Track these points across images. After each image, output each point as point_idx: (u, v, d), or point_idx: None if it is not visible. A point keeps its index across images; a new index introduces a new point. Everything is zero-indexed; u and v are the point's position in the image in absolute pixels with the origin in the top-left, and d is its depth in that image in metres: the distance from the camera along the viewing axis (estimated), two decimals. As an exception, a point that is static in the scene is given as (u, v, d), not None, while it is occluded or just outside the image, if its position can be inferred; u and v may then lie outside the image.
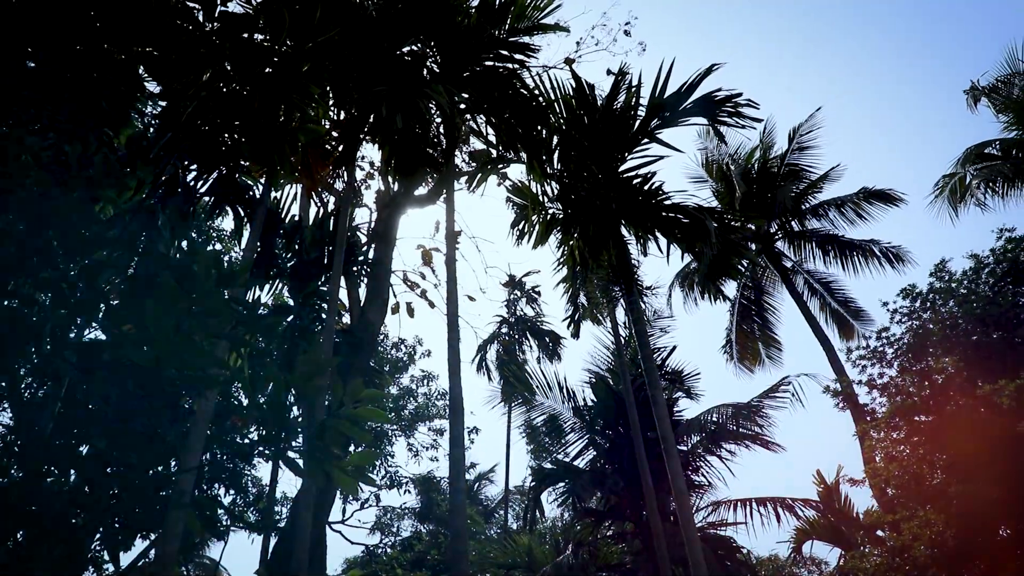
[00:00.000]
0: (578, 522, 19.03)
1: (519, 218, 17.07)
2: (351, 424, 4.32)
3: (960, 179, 24.40)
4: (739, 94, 13.12)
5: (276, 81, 9.90)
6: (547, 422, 20.70)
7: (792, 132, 26.02)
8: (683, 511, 10.51)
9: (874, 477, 18.13)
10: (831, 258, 26.16)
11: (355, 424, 4.33)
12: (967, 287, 18.63)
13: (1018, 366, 15.50)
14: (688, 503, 10.77)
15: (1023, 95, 23.37)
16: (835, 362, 23.38)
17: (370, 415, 4.30)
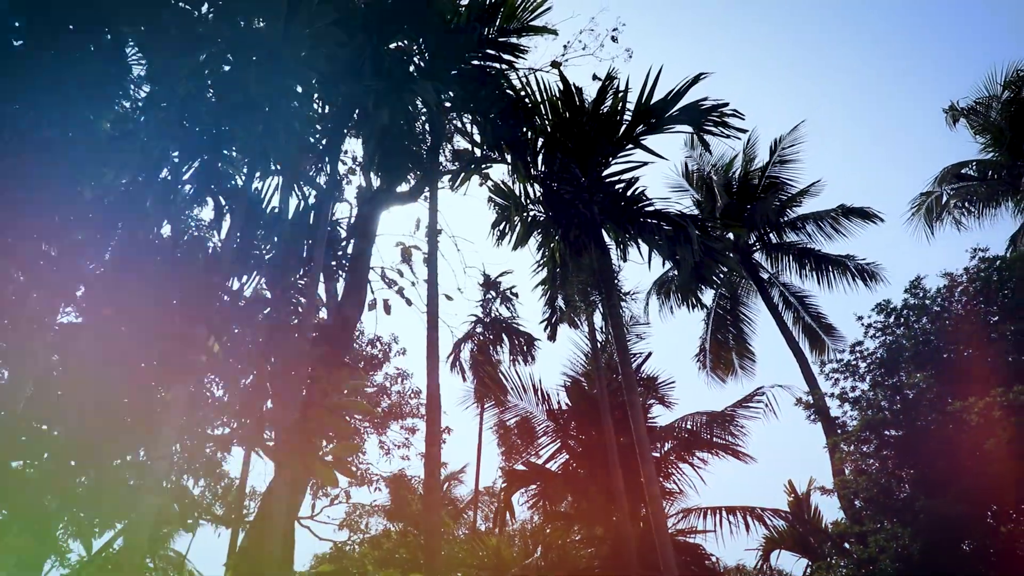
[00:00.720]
0: (548, 525, 19.02)
1: (500, 219, 17.05)
2: (332, 416, 4.28)
3: (936, 198, 24.72)
4: (725, 104, 13.18)
5: (273, 65, 9.79)
6: (520, 424, 20.69)
7: (774, 144, 26.21)
8: (656, 516, 10.52)
9: (843, 489, 18.28)
10: (807, 272, 26.38)
11: (338, 416, 4.28)
12: (940, 305, 18.78)
13: (988, 385, 15.64)
14: (661, 508, 10.80)
15: (1000, 118, 23.68)
16: (808, 374, 23.56)
17: (354, 407, 4.27)
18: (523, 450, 20.15)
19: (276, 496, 8.33)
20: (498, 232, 17.14)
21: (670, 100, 13.76)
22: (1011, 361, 17.07)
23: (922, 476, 16.60)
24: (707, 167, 27.59)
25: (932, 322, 18.48)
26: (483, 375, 22.79)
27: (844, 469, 18.92)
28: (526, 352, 26.67)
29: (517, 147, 13.94)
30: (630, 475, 16.51)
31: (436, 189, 13.05)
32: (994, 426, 14.67)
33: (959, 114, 23.87)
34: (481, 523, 28.28)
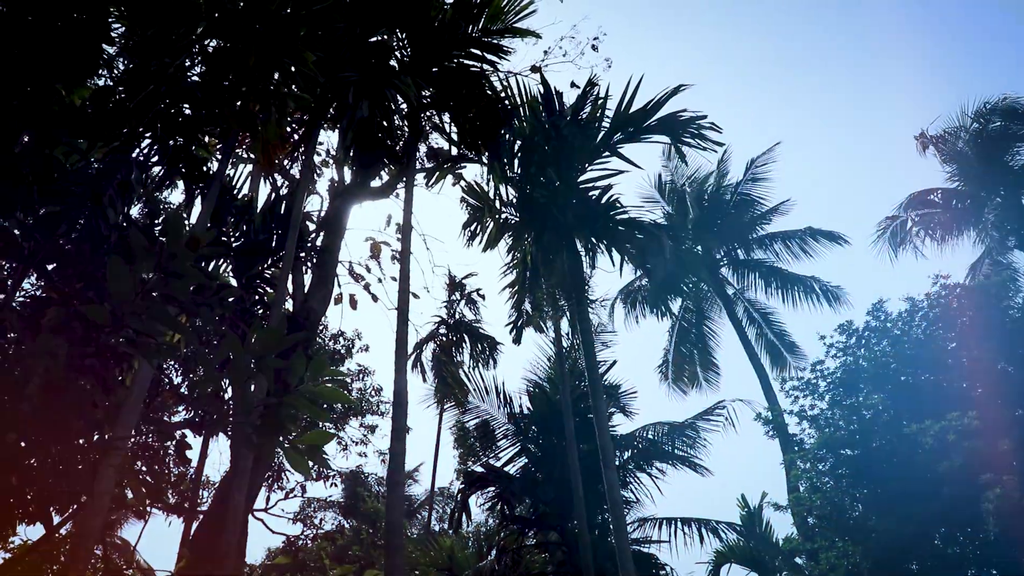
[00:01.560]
0: (504, 528, 18.97)
1: (472, 219, 17.02)
2: (310, 403, 4.21)
3: (901, 223, 25.14)
4: (704, 116, 13.29)
5: (272, 43, 9.65)
6: (480, 426, 20.65)
7: (749, 163, 26.51)
8: (617, 522, 10.54)
9: (797, 506, 18.47)
10: (773, 290, 26.66)
11: (314, 403, 4.22)
12: (901, 328, 19.07)
13: (943, 409, 15.91)
14: (623, 514, 10.82)
15: (967, 150, 24.14)
16: (768, 390, 23.80)
17: (332, 395, 4.20)
18: (482, 452, 20.10)
19: (237, 485, 8.22)
20: (469, 233, 17.11)
21: (649, 110, 13.82)
22: (966, 387, 17.38)
23: (875, 496, 16.82)
24: (681, 180, 27.78)
25: (892, 345, 18.75)
26: (445, 375, 22.69)
27: (799, 486, 19.12)
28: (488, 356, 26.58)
29: (495, 148, 13.92)
30: (589, 482, 16.54)
31: (412, 186, 12.99)
32: (948, 450, 14.91)
33: (928, 141, 24.30)
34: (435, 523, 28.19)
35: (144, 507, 14.83)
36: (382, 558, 19.23)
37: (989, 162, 23.41)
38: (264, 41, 9.28)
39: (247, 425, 4.37)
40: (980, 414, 15.13)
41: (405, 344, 10.09)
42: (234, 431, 4.37)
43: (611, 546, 17.43)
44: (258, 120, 10.80)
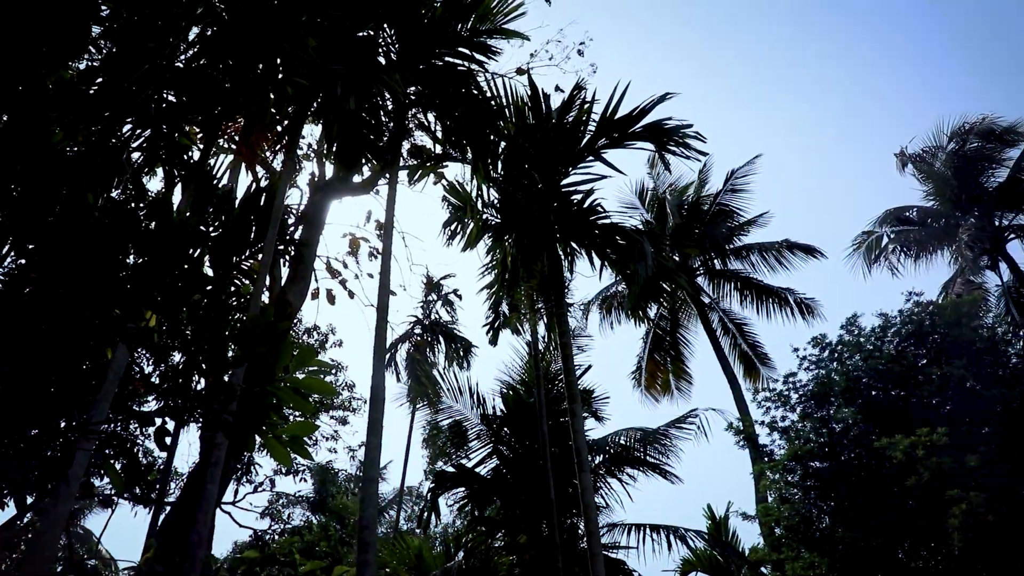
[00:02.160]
0: (472, 529, 18.92)
1: (453, 218, 16.97)
2: (293, 393, 4.17)
3: (877, 238, 25.42)
4: (689, 125, 13.34)
5: (273, 27, 9.55)
6: (452, 426, 20.59)
7: (729, 174, 26.65)
8: (590, 525, 10.55)
9: (765, 516, 18.58)
10: (748, 301, 26.82)
11: (298, 394, 4.17)
12: (873, 343, 19.26)
13: (913, 424, 16.08)
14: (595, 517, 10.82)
15: (944, 169, 24.46)
16: (740, 400, 23.94)
17: (317, 386, 4.15)
18: (454, 452, 20.04)
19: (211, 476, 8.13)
20: (449, 232, 17.06)
21: (635, 116, 13.86)
22: (935, 403, 17.58)
23: (843, 508, 16.96)
24: (663, 187, 27.91)
25: (864, 360, 18.92)
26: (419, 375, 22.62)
27: (768, 496, 19.25)
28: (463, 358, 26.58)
29: (479, 148, 13.88)
30: (559, 486, 16.54)
31: (396, 183, 12.93)
32: (916, 465, 15.06)
33: (907, 159, 24.60)
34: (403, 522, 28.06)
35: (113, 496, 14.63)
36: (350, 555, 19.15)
37: (965, 182, 23.74)
38: (266, 24, 9.18)
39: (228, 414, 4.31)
40: (949, 431, 15.30)
41: (384, 339, 10.05)
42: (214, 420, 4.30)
43: (580, 550, 17.44)
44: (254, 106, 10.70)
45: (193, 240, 6.82)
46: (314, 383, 4.20)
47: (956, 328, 18.33)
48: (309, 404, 4.29)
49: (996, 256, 23.22)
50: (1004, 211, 23.84)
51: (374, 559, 7.81)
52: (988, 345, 18.10)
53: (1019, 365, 17.91)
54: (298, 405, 4.20)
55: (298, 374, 4.19)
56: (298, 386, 4.20)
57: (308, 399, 4.25)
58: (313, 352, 4.20)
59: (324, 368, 4.21)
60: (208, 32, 10.18)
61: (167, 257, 4.84)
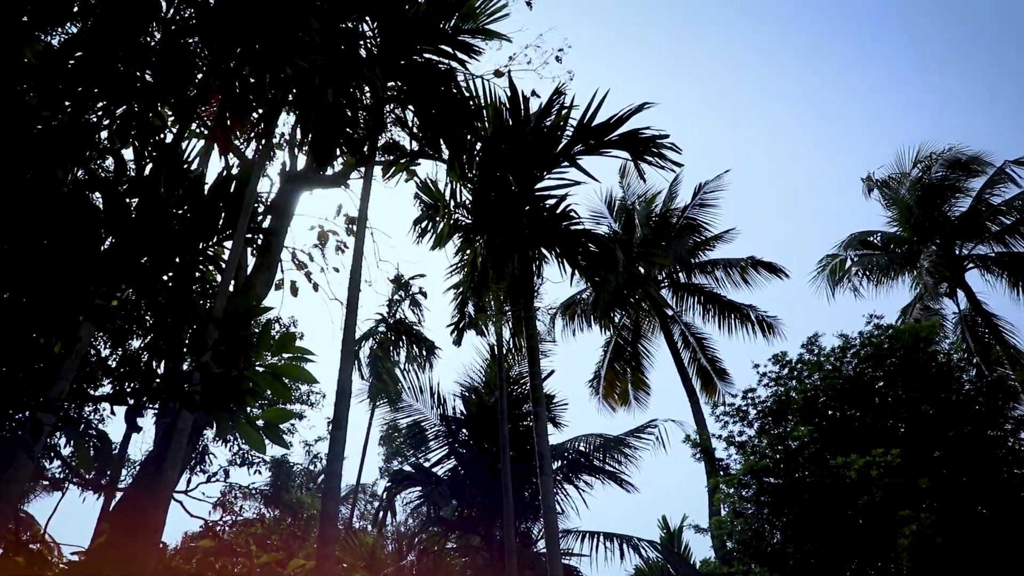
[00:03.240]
0: (427, 529, 18.84)
1: (424, 216, 16.89)
2: (272, 378, 4.10)
3: (841, 261, 25.78)
4: (666, 136, 13.42)
5: (275, 9, 9.42)
6: (411, 425, 20.51)
7: (697, 188, 26.90)
8: (549, 529, 10.55)
9: (718, 529, 18.73)
10: (710, 315, 27.06)
11: (277, 379, 4.11)
12: (833, 363, 19.48)
13: (869, 444, 16.30)
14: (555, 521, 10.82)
15: (908, 196, 24.89)
16: (698, 413, 24.13)
17: (296, 373, 4.09)
18: (412, 452, 19.96)
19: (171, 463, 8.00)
20: (420, 229, 16.98)
21: (612, 124, 13.90)
22: (890, 425, 17.84)
23: (795, 525, 17.14)
24: (632, 198, 28.07)
25: (823, 379, 19.15)
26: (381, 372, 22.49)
27: (721, 509, 19.39)
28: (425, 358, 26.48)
29: (456, 146, 13.85)
30: (517, 489, 16.53)
31: (371, 178, 12.85)
32: (870, 484, 15.28)
33: (874, 184, 25.00)
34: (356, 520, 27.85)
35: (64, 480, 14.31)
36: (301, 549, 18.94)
37: (928, 210, 24.17)
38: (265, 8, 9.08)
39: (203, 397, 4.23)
40: (903, 452, 15.53)
41: (353, 333, 9.97)
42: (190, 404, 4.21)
43: (533, 554, 17.46)
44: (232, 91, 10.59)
45: (172, 221, 6.68)
46: (293, 369, 4.14)
47: (913, 352, 18.63)
48: (287, 390, 4.24)
49: (955, 284, 23.67)
50: (964, 240, 24.32)
51: (333, 552, 7.73)
52: (943, 371, 18.42)
53: (971, 392, 18.24)
54: (276, 391, 4.14)
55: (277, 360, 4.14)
56: (277, 371, 4.14)
57: (286, 385, 4.20)
58: (293, 338, 4.15)
59: (304, 355, 4.14)
60: (189, 12, 10.06)
61: (149, 235, 4.76)
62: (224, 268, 10.40)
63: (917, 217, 24.28)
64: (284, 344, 4.10)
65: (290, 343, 4.09)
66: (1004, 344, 22.32)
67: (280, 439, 4.22)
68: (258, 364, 4.21)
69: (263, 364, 4.16)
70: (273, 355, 4.08)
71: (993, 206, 23.96)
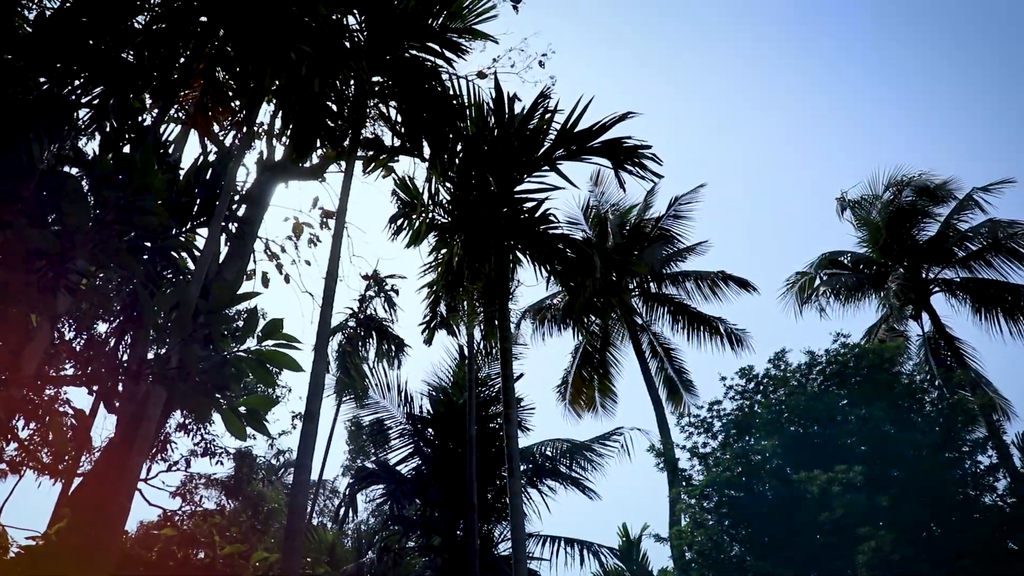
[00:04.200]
0: (388, 528, 18.75)
1: (400, 213, 16.81)
2: (257, 364, 4.07)
3: (810, 279, 26.06)
4: (648, 146, 13.47)
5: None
6: (377, 422, 20.42)
7: (672, 200, 27.02)
8: (516, 532, 10.54)
9: (678, 539, 18.83)
10: (679, 326, 27.20)
11: (261, 366, 4.08)
12: (798, 380, 19.69)
13: (829, 462, 16.48)
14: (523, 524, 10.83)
15: (879, 218, 25.22)
16: (663, 423, 24.25)
17: (282, 360, 4.06)
18: (376, 449, 19.86)
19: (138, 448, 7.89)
20: (396, 226, 16.90)
21: (595, 131, 13.93)
22: (851, 443, 18.06)
23: (755, 538, 17.29)
24: (605, 206, 28.13)
25: (788, 395, 19.35)
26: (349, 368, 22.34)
27: (682, 519, 19.52)
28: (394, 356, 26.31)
29: (438, 144, 13.80)
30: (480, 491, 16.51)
31: (352, 172, 12.77)
32: (830, 501, 15.45)
33: (847, 205, 25.32)
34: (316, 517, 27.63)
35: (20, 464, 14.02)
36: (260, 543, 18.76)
37: (897, 233, 24.51)
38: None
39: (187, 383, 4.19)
40: (864, 470, 15.73)
41: (328, 327, 9.90)
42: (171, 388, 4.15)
43: (494, 557, 17.44)
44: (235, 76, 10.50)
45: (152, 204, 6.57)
46: (279, 356, 4.11)
47: (878, 372, 18.90)
48: (272, 377, 4.20)
49: (920, 307, 24.01)
50: (931, 264, 24.69)
51: (300, 546, 7.67)
52: (906, 391, 18.70)
53: (932, 413, 18.53)
54: (260, 377, 4.11)
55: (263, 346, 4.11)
56: (262, 357, 4.11)
57: (271, 372, 4.16)
58: (280, 325, 4.11)
59: (290, 342, 4.11)
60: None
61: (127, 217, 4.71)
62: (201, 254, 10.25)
63: (886, 239, 24.61)
64: (272, 330, 4.07)
65: (278, 330, 4.06)
66: (966, 368, 22.68)
67: (263, 427, 4.18)
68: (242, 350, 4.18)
69: (248, 350, 4.13)
70: (260, 341, 4.05)
71: (960, 232, 24.37)
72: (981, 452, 17.69)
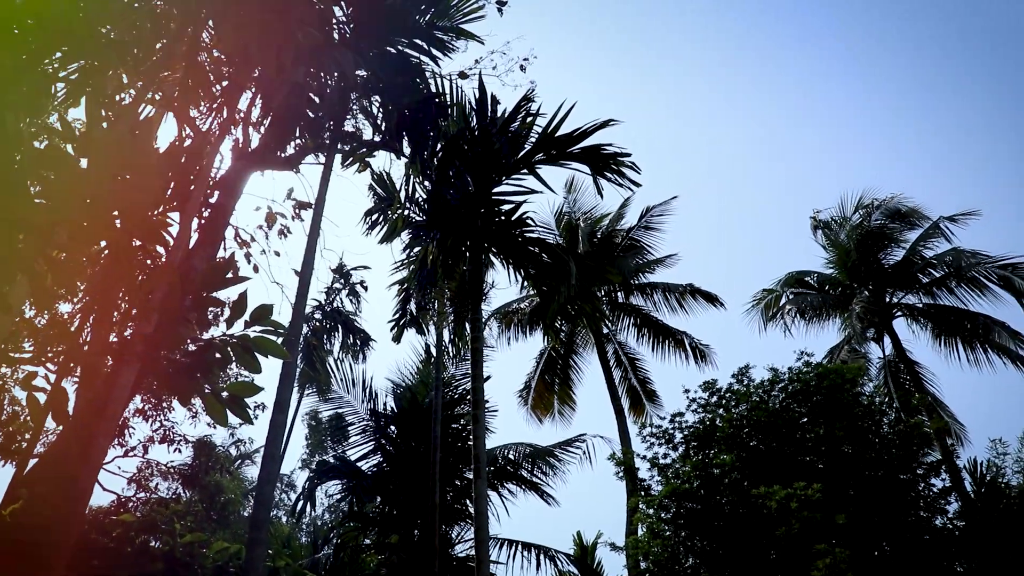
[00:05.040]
0: (343, 524, 18.61)
1: (376, 208, 16.76)
2: (243, 350, 4.02)
3: (776, 297, 26.34)
4: (628, 154, 13.54)
5: None
6: (340, 417, 20.27)
7: (644, 210, 27.12)
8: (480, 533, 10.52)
9: (633, 548, 18.88)
10: (645, 337, 27.31)
11: (247, 351, 4.02)
12: (760, 396, 19.84)
13: (788, 477, 16.61)
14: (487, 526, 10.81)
15: (848, 241, 25.59)
16: (624, 433, 24.31)
17: (269, 347, 4.00)
18: (337, 444, 19.71)
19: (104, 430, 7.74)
20: (371, 221, 16.83)
21: (576, 137, 13.99)
22: (809, 461, 18.25)
23: (711, 550, 17.39)
24: (577, 213, 28.18)
25: (750, 410, 19.49)
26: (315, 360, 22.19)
27: (639, 529, 19.57)
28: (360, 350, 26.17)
29: (419, 142, 13.78)
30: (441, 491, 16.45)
31: (332, 163, 12.70)
32: (789, 516, 15.59)
33: (819, 224, 25.66)
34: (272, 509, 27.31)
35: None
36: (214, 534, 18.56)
37: (865, 256, 24.88)
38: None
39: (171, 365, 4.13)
40: (822, 488, 15.89)
41: (301, 316, 9.84)
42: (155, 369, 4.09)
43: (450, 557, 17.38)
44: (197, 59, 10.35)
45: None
46: (267, 343, 4.06)
47: (839, 392, 19.11)
48: (257, 363, 4.15)
49: (882, 330, 24.38)
50: (895, 289, 25.10)
51: (266, 537, 7.59)
52: (865, 413, 18.94)
53: (889, 435, 18.79)
54: (246, 364, 4.05)
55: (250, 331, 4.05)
56: (248, 343, 4.06)
57: (256, 358, 4.11)
58: (270, 310, 4.06)
59: (277, 329, 4.06)
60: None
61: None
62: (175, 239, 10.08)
63: (854, 262, 24.98)
64: (261, 316, 4.02)
65: (267, 315, 4.01)
66: (923, 391, 23.05)
67: (245, 413, 4.12)
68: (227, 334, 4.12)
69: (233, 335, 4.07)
70: (248, 326, 3.99)
71: (925, 259, 24.82)
72: (935, 475, 17.99)
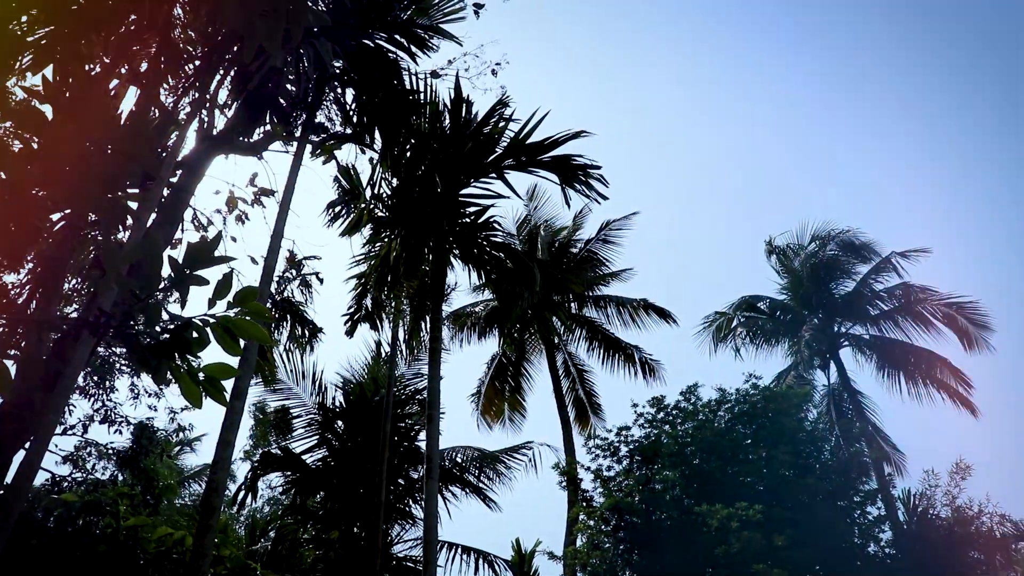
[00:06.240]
0: (283, 516, 18.38)
1: (339, 201, 16.63)
2: (224, 332, 3.94)
3: (728, 319, 26.69)
4: (598, 166, 13.65)
5: None
6: (287, 409, 20.02)
7: (604, 224, 27.19)
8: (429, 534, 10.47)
9: (572, 559, 18.96)
10: (595, 349, 27.41)
11: (228, 333, 3.95)
12: (707, 415, 20.08)
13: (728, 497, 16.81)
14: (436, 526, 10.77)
15: (802, 269, 26.07)
16: (569, 443, 24.37)
17: (251, 330, 3.93)
18: (282, 436, 19.45)
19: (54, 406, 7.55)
20: (333, 213, 16.70)
21: (546, 145, 14.04)
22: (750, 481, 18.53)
23: (650, 565, 17.52)
24: (539, 221, 28.18)
25: (696, 429, 19.72)
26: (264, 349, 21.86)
27: (579, 539, 19.65)
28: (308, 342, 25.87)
29: (391, 137, 13.71)
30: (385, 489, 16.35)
31: (303, 152, 12.59)
32: (729, 536, 15.79)
33: (774, 250, 26.07)
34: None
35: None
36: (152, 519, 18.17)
37: (817, 285, 25.36)
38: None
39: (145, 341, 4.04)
40: (763, 509, 16.12)
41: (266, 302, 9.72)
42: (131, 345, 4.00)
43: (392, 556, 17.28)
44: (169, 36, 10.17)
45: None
46: (248, 326, 3.99)
47: (784, 416, 19.42)
48: (237, 347, 4.08)
49: (829, 358, 24.87)
50: (844, 319, 25.62)
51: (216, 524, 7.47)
52: (808, 438, 19.29)
53: (829, 462, 19.16)
54: (227, 346, 3.98)
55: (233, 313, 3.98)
56: (228, 324, 3.98)
57: (236, 340, 4.04)
58: (254, 293, 4.00)
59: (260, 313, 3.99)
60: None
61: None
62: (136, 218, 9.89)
63: (806, 289, 25.45)
64: (244, 298, 3.95)
65: (250, 298, 3.94)
66: (864, 421, 23.54)
67: (221, 396, 4.05)
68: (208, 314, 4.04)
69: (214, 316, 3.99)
70: (231, 307, 3.92)
71: (875, 291, 25.38)
72: (871, 503, 18.38)
